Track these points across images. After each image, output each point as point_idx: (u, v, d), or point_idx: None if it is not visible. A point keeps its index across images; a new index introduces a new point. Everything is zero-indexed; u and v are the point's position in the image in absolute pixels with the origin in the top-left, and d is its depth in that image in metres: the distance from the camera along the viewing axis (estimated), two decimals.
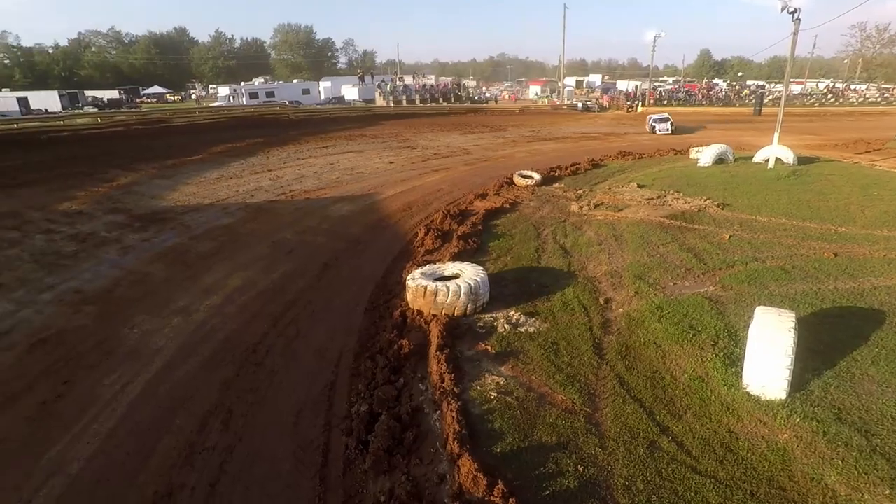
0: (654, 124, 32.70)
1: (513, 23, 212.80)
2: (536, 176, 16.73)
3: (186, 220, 13.48)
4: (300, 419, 6.02)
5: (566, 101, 54.24)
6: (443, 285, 7.43)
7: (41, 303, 8.90)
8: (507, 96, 70.46)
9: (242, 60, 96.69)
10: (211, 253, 11.35)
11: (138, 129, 23.63)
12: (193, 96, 75.74)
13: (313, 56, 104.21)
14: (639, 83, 63.15)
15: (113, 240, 11.98)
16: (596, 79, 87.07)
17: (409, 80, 61.69)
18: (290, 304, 8.85)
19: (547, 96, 64.18)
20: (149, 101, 68.17)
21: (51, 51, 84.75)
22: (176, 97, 73.76)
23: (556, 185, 16.50)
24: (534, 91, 72.30)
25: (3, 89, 59.18)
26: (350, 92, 59.02)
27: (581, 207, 13.33)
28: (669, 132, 31.37)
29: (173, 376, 6.88)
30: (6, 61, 79.89)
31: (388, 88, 51.78)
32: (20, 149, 18.23)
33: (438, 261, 9.49)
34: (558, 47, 58.92)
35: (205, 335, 7.89)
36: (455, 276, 7.91)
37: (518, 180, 16.51)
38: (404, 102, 47.82)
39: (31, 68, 78.79)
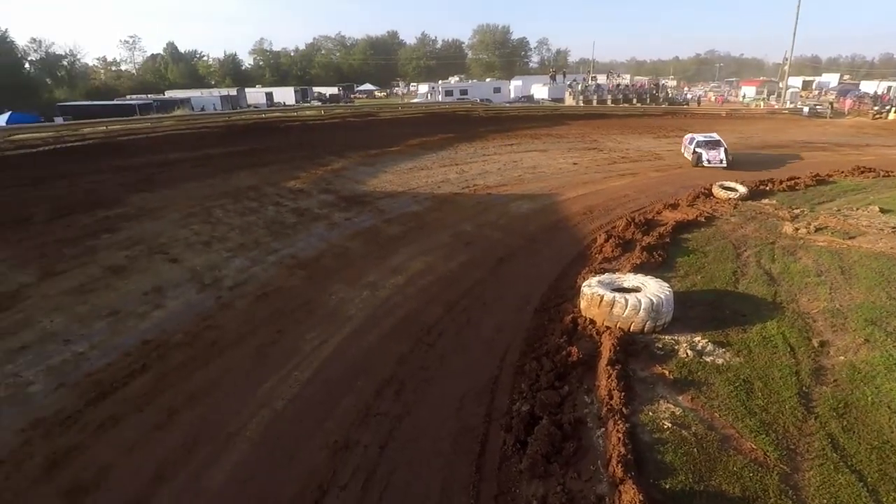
0: (699, 151, 20.71)
1: (725, 15, 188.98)
2: (741, 188, 14.75)
3: (381, 205, 14.96)
4: (463, 405, 6.27)
5: (787, 105, 46.67)
6: (621, 297, 7.01)
7: (267, 263, 10.72)
8: (712, 98, 63.36)
9: (442, 60, 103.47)
10: (399, 236, 12.42)
11: (351, 122, 26.94)
12: (397, 93, 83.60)
13: (507, 55, 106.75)
14: (893, 83, 51.32)
15: (323, 216, 13.86)
16: (830, 79, 73.21)
17: (601, 79, 59.37)
18: (465, 293, 9.24)
19: (763, 98, 56.05)
20: (360, 96, 77.22)
21: (292, 54, 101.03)
22: (382, 94, 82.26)
23: (766, 200, 14.33)
24: (746, 92, 63.75)
25: (256, 85, 72.42)
26: (539, 91, 59.11)
27: (797, 230, 11.37)
28: (722, 164, 19.98)
29: (359, 342, 7.72)
30: (261, 63, 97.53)
31: (579, 88, 50.53)
32: (265, 134, 22.21)
33: (618, 270, 8.99)
34: (783, 42, 50.87)
35: (388, 310, 8.69)
36: (635, 290, 7.40)
37: (718, 192, 14.74)
38: (594, 102, 46.20)
39: (277, 68, 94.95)
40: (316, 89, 72.27)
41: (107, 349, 7.48)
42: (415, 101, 53.30)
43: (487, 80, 76.56)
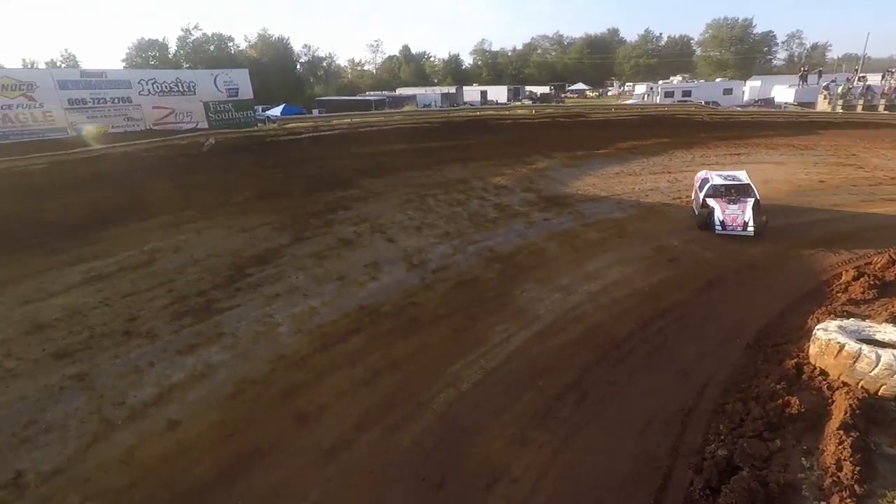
0: (710, 204, 13.01)
1: None
2: None
3: (582, 209, 14.68)
4: (648, 430, 5.90)
5: None
6: (870, 350, 5.74)
7: (467, 252, 11.44)
8: None
9: (664, 58, 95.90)
10: (597, 242, 12.08)
11: (560, 121, 26.83)
12: (609, 93, 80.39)
13: (744, 52, 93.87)
14: None
15: (523, 214, 14.19)
16: None
17: (873, 79, 48.31)
18: (663, 313, 8.61)
19: None
20: (571, 96, 76.26)
21: (509, 53, 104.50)
22: (594, 93, 79.94)
23: None
24: None
25: (473, 84, 76.89)
26: (783, 93, 50.67)
27: None
28: (747, 230, 12.15)
29: (545, 343, 7.80)
30: (479, 62, 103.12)
31: (839, 90, 41.93)
32: (478, 131, 23.55)
33: (868, 317, 7.35)
34: None
35: (577, 316, 8.58)
36: (892, 345, 5.99)
37: None
38: (859, 108, 37.82)
39: (494, 67, 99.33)
40: (528, 88, 73.70)
41: (333, 308, 8.90)
42: (629, 102, 50.59)
43: (718, 80, 68.60)
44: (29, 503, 5.02)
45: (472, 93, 63.01)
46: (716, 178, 13.98)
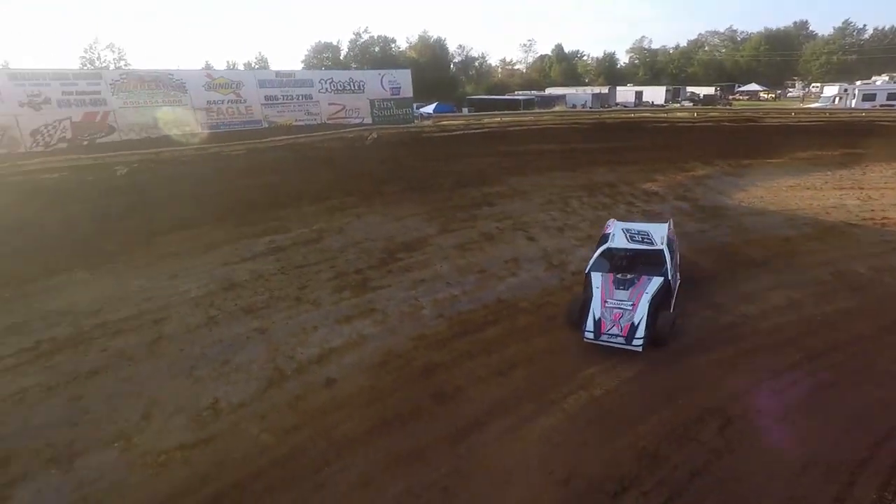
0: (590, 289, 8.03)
1: None
2: None
3: (745, 222, 13.35)
4: (804, 473, 5.32)
5: None
6: None
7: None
8: None
9: (866, 54, 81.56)
10: (759, 261, 10.93)
11: (726, 126, 24.41)
12: (790, 94, 70.80)
13: None
14: None
15: (674, 223, 13.33)
16: None
17: None
18: (837, 347, 7.58)
19: None
20: (741, 97, 68.61)
21: (671, 51, 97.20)
22: (770, 95, 70.97)
23: None
24: None
25: (627, 84, 73.05)
26: None
27: None
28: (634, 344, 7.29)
29: (687, 360, 7.33)
30: (636, 61, 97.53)
31: None
32: (630, 133, 22.50)
33: None
34: None
35: (728, 338, 7.92)
36: None
37: None
38: None
39: (652, 66, 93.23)
40: (689, 89, 67.96)
41: (473, 298, 9.33)
42: (814, 105, 44.08)
43: None
44: (223, 425, 6.15)
45: (625, 93, 59.95)
46: (618, 235, 9.16)
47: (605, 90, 59.10)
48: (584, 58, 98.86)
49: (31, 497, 5.16)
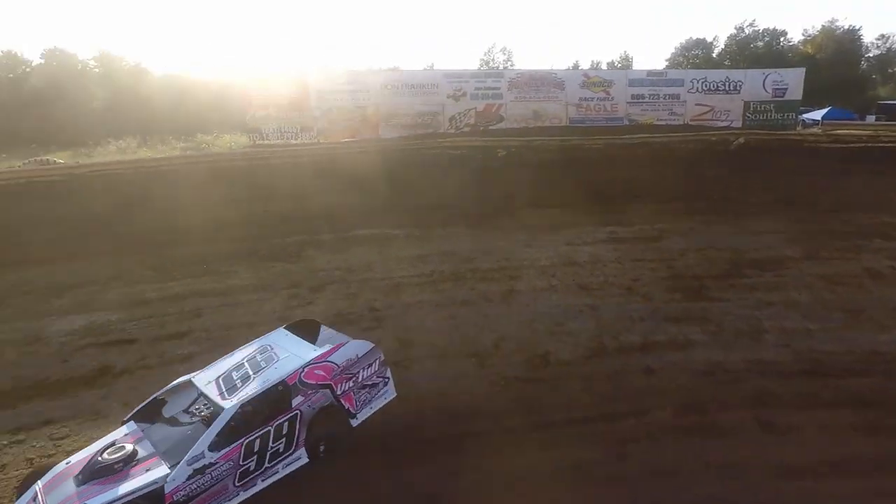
0: None
1: None
2: None
3: None
4: None
5: None
6: None
7: None
8: None
9: None
10: None
11: None
12: None
13: None
14: None
15: None
16: None
17: None
18: None
19: None
20: None
21: None
22: None
23: None
24: None
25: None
26: None
27: None
28: None
29: None
30: None
31: None
32: None
33: None
34: None
35: None
36: None
37: None
38: None
39: None
40: None
41: (836, 338, 7.89)
42: None
43: None
44: (550, 372, 7.25)
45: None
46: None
47: None
48: None
49: (421, 369, 7.29)
